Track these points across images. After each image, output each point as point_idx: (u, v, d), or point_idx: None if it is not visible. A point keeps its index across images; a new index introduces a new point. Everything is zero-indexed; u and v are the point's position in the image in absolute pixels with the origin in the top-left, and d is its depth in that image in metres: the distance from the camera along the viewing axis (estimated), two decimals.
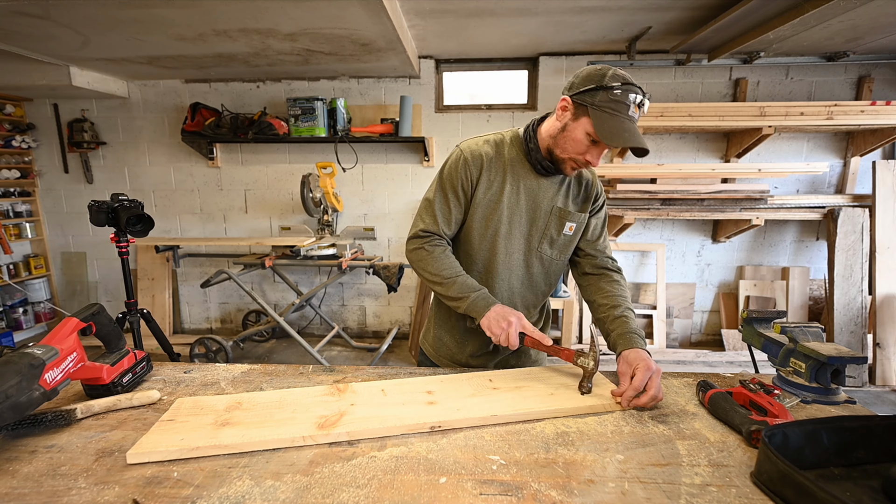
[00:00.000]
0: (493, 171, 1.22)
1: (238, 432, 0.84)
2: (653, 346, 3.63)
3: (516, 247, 1.25)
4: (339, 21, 2.51)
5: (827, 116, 3.12)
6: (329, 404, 0.95)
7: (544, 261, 1.27)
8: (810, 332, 1.02)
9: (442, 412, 0.91)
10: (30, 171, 4.04)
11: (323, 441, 0.83)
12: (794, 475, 0.63)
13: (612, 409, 0.95)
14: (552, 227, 1.24)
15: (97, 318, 1.01)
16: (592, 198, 1.27)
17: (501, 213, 1.22)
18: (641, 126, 3.21)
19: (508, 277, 1.27)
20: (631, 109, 1.04)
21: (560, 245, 1.27)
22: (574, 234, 1.27)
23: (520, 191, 1.22)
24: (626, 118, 1.04)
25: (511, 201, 1.22)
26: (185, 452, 0.79)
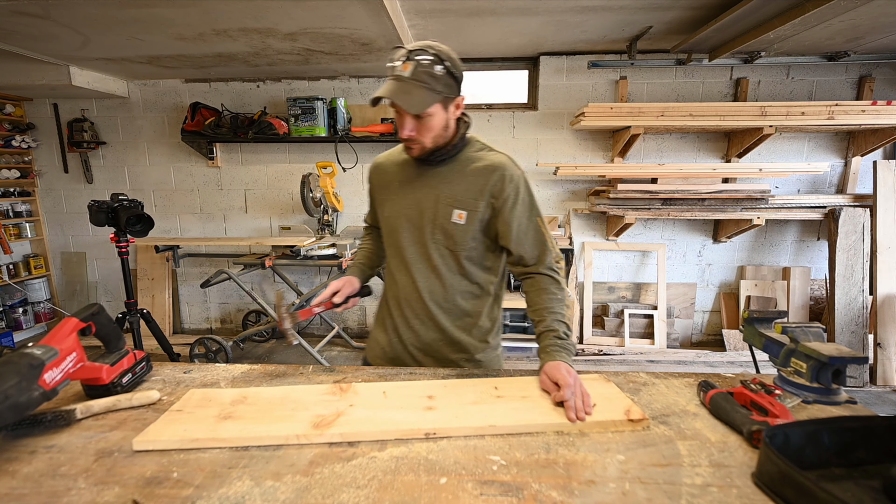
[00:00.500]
0: (386, 173, 1.31)
1: (237, 426, 0.86)
2: (653, 346, 3.63)
3: (412, 239, 1.26)
4: (340, 21, 2.51)
5: (828, 116, 3.11)
6: (329, 404, 0.95)
7: (442, 252, 1.23)
8: (811, 332, 1.01)
9: (439, 419, 0.89)
10: (30, 171, 4.04)
11: (317, 441, 0.83)
12: (795, 475, 0.63)
13: (621, 429, 0.87)
14: (441, 214, 1.21)
15: (97, 318, 1.01)
16: (492, 184, 1.18)
17: (394, 207, 1.28)
18: (643, 125, 3.21)
19: (414, 271, 1.27)
20: (398, 68, 1.06)
21: (454, 234, 1.20)
22: (468, 223, 1.19)
23: (406, 184, 1.26)
24: (390, 77, 1.08)
25: (402, 192, 1.27)
26: (186, 443, 0.81)
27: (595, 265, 3.86)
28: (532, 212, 1.23)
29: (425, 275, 1.26)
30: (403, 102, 1.05)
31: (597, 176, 3.65)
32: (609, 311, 3.79)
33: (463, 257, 1.23)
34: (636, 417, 0.88)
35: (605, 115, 3.25)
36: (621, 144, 3.43)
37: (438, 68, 1.06)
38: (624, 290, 3.89)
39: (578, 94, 3.60)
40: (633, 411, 0.90)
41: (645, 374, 1.14)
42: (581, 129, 3.51)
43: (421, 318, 1.28)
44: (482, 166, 1.20)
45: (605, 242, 3.82)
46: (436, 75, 1.06)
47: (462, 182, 1.21)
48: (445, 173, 1.22)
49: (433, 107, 1.08)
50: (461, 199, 1.20)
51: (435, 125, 1.12)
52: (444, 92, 1.08)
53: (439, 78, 1.07)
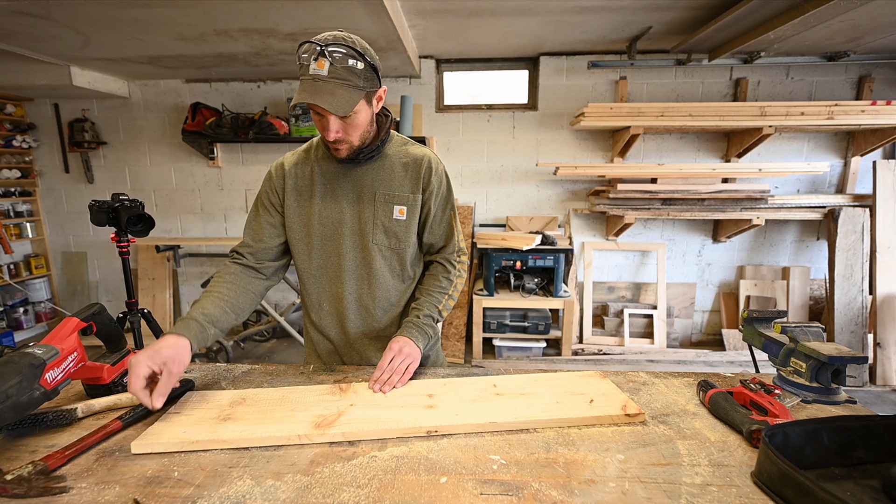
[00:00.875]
0: (300, 177, 1.18)
1: (237, 428, 0.85)
2: (653, 345, 3.63)
3: (351, 245, 1.18)
4: (340, 21, 2.51)
5: (827, 116, 3.11)
6: (329, 404, 0.95)
7: (384, 252, 1.19)
8: (811, 332, 1.01)
9: (440, 417, 0.89)
10: (30, 171, 4.04)
11: (318, 441, 0.83)
12: (794, 475, 0.63)
13: (619, 423, 0.89)
14: (381, 212, 1.16)
15: (98, 317, 1.01)
16: (423, 178, 1.18)
17: (320, 215, 1.17)
18: (643, 125, 3.21)
19: (351, 281, 1.20)
20: (312, 67, 0.97)
21: (395, 232, 1.18)
22: (409, 219, 1.18)
23: (334, 186, 1.17)
24: (307, 79, 0.98)
25: (326, 199, 1.17)
26: (186, 445, 0.81)
27: (595, 265, 3.86)
28: (448, 204, 1.25)
29: (364, 281, 1.20)
30: (329, 105, 0.97)
31: (597, 176, 3.65)
32: (609, 311, 3.80)
33: (407, 256, 1.22)
34: (633, 412, 0.89)
35: (605, 116, 3.26)
36: (621, 144, 3.43)
37: (356, 62, 0.99)
38: (624, 289, 3.89)
39: (578, 94, 3.61)
40: (630, 406, 0.92)
41: (645, 373, 1.14)
42: (581, 129, 3.51)
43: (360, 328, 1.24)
44: (410, 160, 1.19)
45: (604, 242, 3.82)
46: (355, 70, 0.99)
47: (395, 178, 1.17)
48: (376, 170, 1.17)
49: (358, 104, 1.01)
50: (399, 194, 1.17)
51: (361, 122, 1.07)
52: (366, 87, 1.02)
53: (359, 72, 1.00)
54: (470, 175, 3.83)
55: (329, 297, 1.23)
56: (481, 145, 3.77)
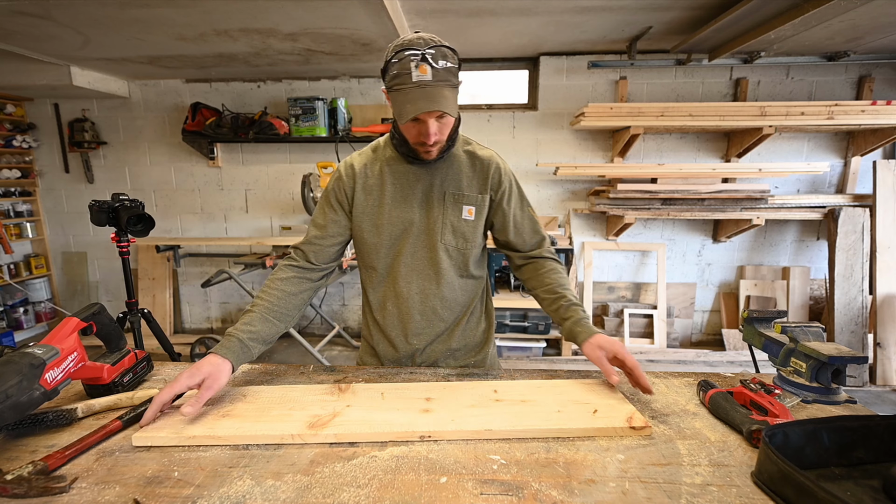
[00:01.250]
0: (369, 177, 1.18)
1: (234, 425, 0.86)
2: (653, 345, 3.63)
3: (418, 245, 1.18)
4: (340, 21, 2.51)
5: (827, 116, 3.11)
6: (326, 404, 0.95)
7: (451, 253, 1.20)
8: (811, 332, 1.01)
9: (435, 422, 0.88)
10: (30, 171, 4.04)
11: (312, 441, 0.83)
12: (794, 475, 0.63)
13: (623, 435, 0.86)
14: (450, 212, 1.17)
15: (98, 317, 1.01)
16: (492, 179, 1.18)
17: (390, 215, 1.17)
18: (643, 125, 3.21)
19: (418, 280, 1.20)
20: (414, 74, 0.96)
21: (464, 232, 1.19)
22: (477, 219, 1.19)
23: (404, 184, 1.17)
24: (411, 86, 0.97)
25: (397, 199, 1.17)
26: (184, 440, 0.83)
27: (595, 265, 3.86)
28: (524, 202, 1.26)
29: (437, 282, 1.20)
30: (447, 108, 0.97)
31: (597, 176, 3.65)
32: (609, 311, 3.80)
33: (471, 256, 1.23)
34: (638, 425, 0.86)
35: (605, 116, 3.25)
36: (621, 144, 3.43)
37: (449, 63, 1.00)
38: (624, 289, 3.89)
39: (578, 94, 3.61)
40: (636, 418, 0.88)
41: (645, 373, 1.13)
42: (581, 129, 3.51)
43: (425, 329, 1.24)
44: (478, 160, 1.19)
45: (604, 242, 3.82)
46: (451, 70, 1.01)
47: (464, 178, 1.18)
48: (445, 169, 1.17)
49: None
50: (468, 194, 1.17)
51: (453, 120, 1.07)
52: (458, 83, 1.04)
53: (454, 71, 1.02)
54: None
55: (394, 297, 1.22)
56: None
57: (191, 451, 0.81)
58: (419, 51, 0.97)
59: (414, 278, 1.20)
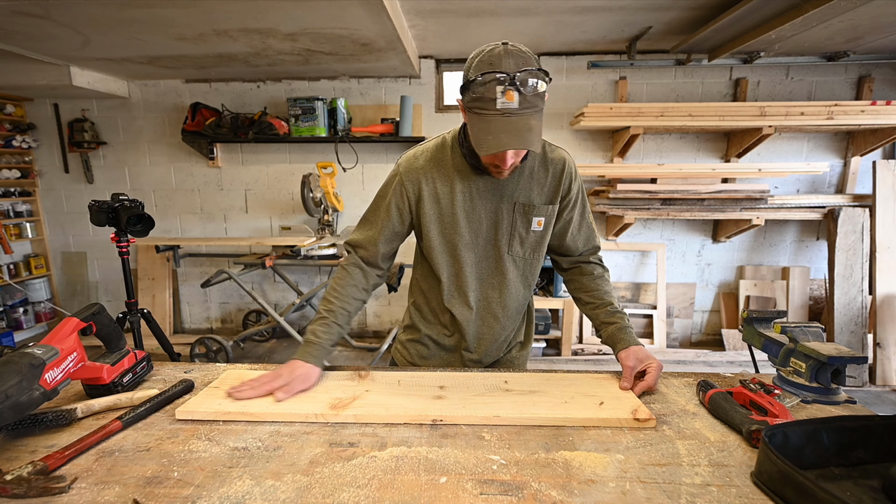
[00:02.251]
0: (437, 182, 1.12)
1: (264, 404, 0.95)
2: (653, 345, 3.63)
3: (484, 254, 1.16)
4: (340, 21, 2.51)
5: (827, 116, 3.12)
6: (347, 388, 1.03)
7: (518, 263, 1.18)
8: (810, 332, 1.01)
9: (447, 407, 0.93)
10: (30, 171, 4.04)
11: (333, 420, 0.90)
12: (794, 475, 0.63)
13: (626, 425, 0.88)
14: (519, 224, 1.13)
15: (97, 317, 1.01)
16: (563, 187, 1.14)
17: (458, 223, 1.12)
18: (642, 125, 3.21)
19: (481, 288, 1.19)
20: (500, 101, 0.87)
21: (532, 243, 1.17)
22: (545, 229, 1.16)
23: (473, 195, 1.11)
24: (494, 114, 0.89)
25: (467, 208, 1.12)
26: (220, 416, 0.92)
27: None
28: (586, 209, 1.23)
29: (502, 290, 1.19)
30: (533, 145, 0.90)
31: (596, 176, 3.65)
32: None
33: (538, 265, 1.22)
34: (643, 417, 0.89)
35: (605, 116, 3.26)
36: (621, 144, 3.43)
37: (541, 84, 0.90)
38: (623, 289, 3.89)
39: (578, 94, 3.61)
40: (641, 411, 0.91)
41: None
42: (581, 129, 3.51)
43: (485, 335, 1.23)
44: (550, 164, 1.13)
45: (604, 242, 3.82)
46: (540, 94, 0.91)
47: (535, 186, 1.13)
48: (516, 179, 1.11)
49: None
50: (538, 205, 1.13)
51: None
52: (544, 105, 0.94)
53: (541, 94, 0.92)
54: None
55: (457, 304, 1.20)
56: None
57: (190, 451, 0.81)
58: (508, 74, 0.87)
59: (479, 287, 1.19)
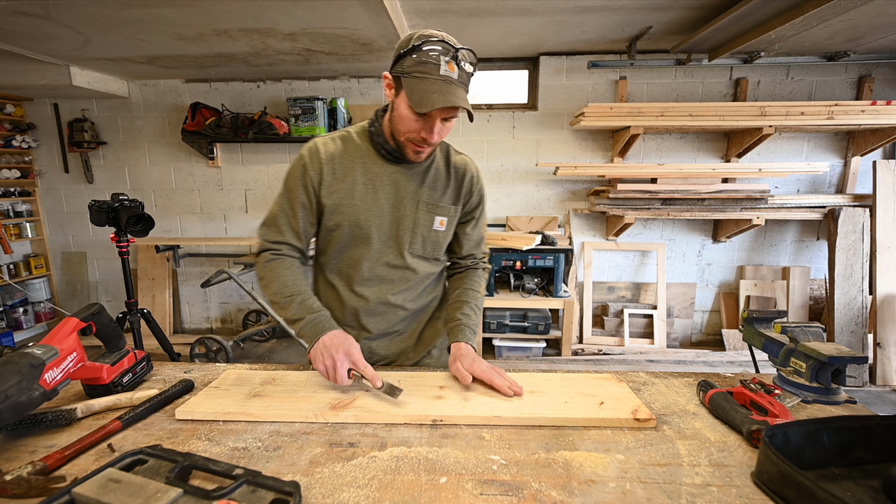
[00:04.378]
0: (338, 170, 1.09)
1: (263, 404, 0.94)
2: (653, 345, 3.63)
3: (383, 251, 1.13)
4: (340, 21, 2.51)
5: (827, 116, 3.11)
6: (346, 389, 1.01)
7: (419, 261, 1.17)
8: (811, 332, 1.01)
9: (447, 407, 0.93)
10: (30, 171, 4.04)
11: (333, 420, 0.90)
12: (794, 475, 0.63)
13: (626, 425, 0.88)
14: (421, 223, 1.12)
15: (97, 317, 1.01)
16: (466, 190, 1.16)
17: (357, 216, 1.10)
18: (643, 125, 3.21)
19: (378, 285, 1.16)
20: (443, 68, 0.93)
21: (433, 242, 1.16)
22: (447, 230, 1.16)
23: (377, 187, 1.10)
24: (437, 79, 0.93)
25: (367, 201, 1.09)
26: (220, 416, 0.91)
27: (595, 265, 3.86)
28: (483, 212, 1.25)
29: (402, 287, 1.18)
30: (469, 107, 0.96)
31: (596, 176, 3.65)
32: (609, 311, 3.80)
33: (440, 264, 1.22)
34: (643, 417, 0.89)
35: (605, 116, 3.26)
36: (621, 144, 3.43)
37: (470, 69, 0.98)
38: (624, 289, 3.89)
39: (578, 94, 3.61)
40: (641, 411, 0.91)
41: (645, 373, 1.14)
42: (581, 129, 3.51)
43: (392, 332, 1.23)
44: (453, 167, 1.15)
45: (604, 242, 3.82)
46: (470, 74, 0.99)
47: (440, 186, 1.14)
48: (420, 175, 1.12)
49: None
50: (442, 204, 1.13)
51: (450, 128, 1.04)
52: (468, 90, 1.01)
53: (470, 76, 0.99)
54: None
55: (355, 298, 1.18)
56: (481, 145, 3.77)
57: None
58: (451, 47, 0.94)
59: (379, 283, 1.16)
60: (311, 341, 1.02)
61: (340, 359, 0.96)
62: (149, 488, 0.64)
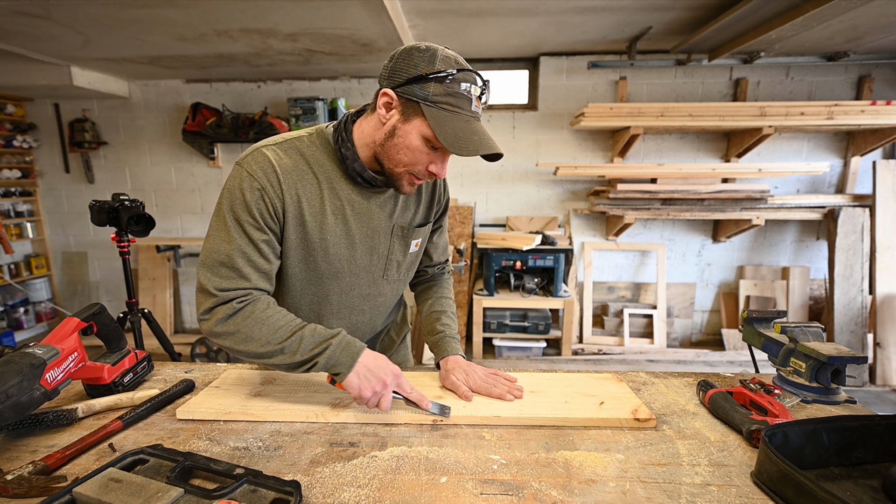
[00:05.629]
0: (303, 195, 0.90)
1: (265, 404, 0.94)
2: (653, 345, 3.63)
3: (354, 283, 1.02)
4: (340, 21, 2.51)
5: (827, 116, 3.12)
6: None
7: (391, 284, 1.10)
8: (810, 332, 1.01)
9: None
10: (31, 171, 4.04)
11: (333, 420, 0.89)
12: (794, 475, 0.63)
13: (626, 425, 0.88)
14: (396, 250, 1.03)
15: (98, 317, 1.01)
16: (438, 201, 1.10)
17: (326, 251, 0.95)
18: (643, 125, 3.21)
19: (349, 316, 1.07)
20: (473, 104, 0.85)
21: (407, 264, 1.09)
22: (420, 249, 1.11)
23: (347, 217, 0.94)
24: (469, 116, 0.84)
25: (337, 233, 0.94)
26: (221, 415, 0.90)
27: (595, 265, 3.86)
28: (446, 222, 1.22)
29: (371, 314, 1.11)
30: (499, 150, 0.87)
31: (597, 176, 3.65)
32: (609, 311, 3.80)
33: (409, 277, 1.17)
34: (643, 417, 0.89)
35: (605, 116, 3.26)
36: (621, 144, 3.43)
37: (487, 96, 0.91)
38: (623, 289, 3.89)
39: (578, 94, 3.61)
40: (641, 411, 0.91)
41: (644, 373, 1.14)
42: (581, 129, 3.51)
43: None
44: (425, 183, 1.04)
45: (604, 242, 3.82)
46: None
47: (412, 205, 1.05)
48: (391, 199, 1.01)
49: None
50: (415, 228, 1.05)
51: None
52: None
53: None
54: (470, 175, 3.84)
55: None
56: None
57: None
58: (481, 79, 0.87)
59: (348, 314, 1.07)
60: (348, 368, 0.85)
61: (389, 383, 0.85)
62: (150, 488, 0.64)
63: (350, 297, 1.04)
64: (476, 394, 0.98)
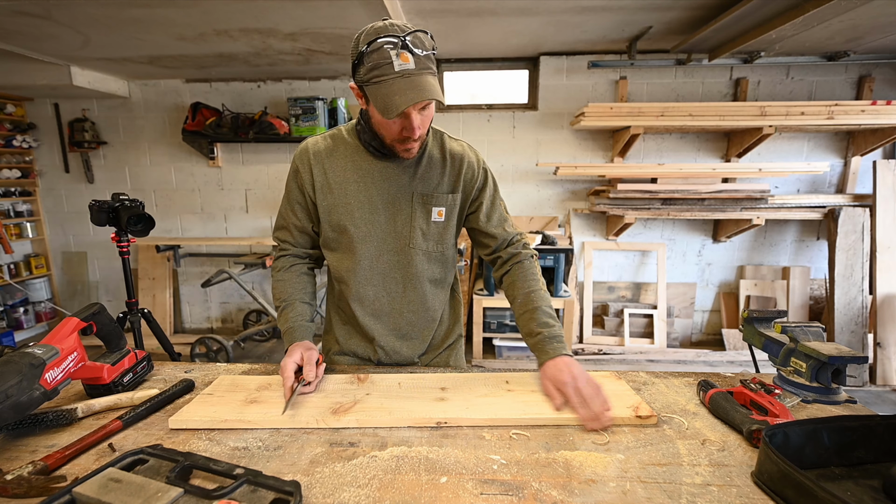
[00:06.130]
0: (328, 169, 1.09)
1: (261, 410, 0.91)
2: (653, 345, 3.63)
3: (383, 248, 1.12)
4: (340, 21, 2.51)
5: (827, 116, 3.11)
6: (347, 392, 0.99)
7: (422, 256, 1.14)
8: (811, 332, 1.01)
9: (450, 409, 0.92)
10: (31, 171, 4.04)
11: (335, 426, 0.88)
12: (794, 475, 0.63)
13: (627, 423, 0.88)
14: (419, 216, 1.11)
15: (98, 317, 1.01)
16: (468, 177, 1.13)
17: (352, 215, 1.09)
18: (643, 125, 3.21)
19: (383, 284, 1.14)
20: (397, 63, 0.87)
21: (434, 234, 1.13)
22: (447, 220, 1.13)
23: (369, 183, 1.08)
24: (395, 76, 0.88)
25: (361, 199, 1.09)
26: (215, 423, 0.88)
27: (595, 265, 3.86)
28: (498, 192, 1.21)
29: (408, 286, 1.16)
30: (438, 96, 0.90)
31: (597, 176, 3.65)
32: (609, 311, 3.80)
33: (448, 259, 1.19)
34: (644, 414, 0.89)
35: (605, 115, 3.26)
36: (621, 144, 3.43)
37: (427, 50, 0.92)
38: (624, 289, 3.89)
39: (578, 94, 3.61)
40: (642, 408, 0.91)
41: (645, 373, 1.14)
42: (581, 129, 3.51)
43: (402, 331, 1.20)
44: (449, 155, 1.12)
45: (604, 242, 3.82)
46: (430, 56, 0.93)
47: (434, 176, 1.11)
48: (413, 168, 1.10)
49: None
50: (437, 195, 1.11)
51: (433, 112, 0.99)
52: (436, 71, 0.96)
53: (432, 57, 0.94)
54: None
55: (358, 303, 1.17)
56: (481, 145, 3.77)
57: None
58: (397, 38, 0.88)
59: (382, 282, 1.15)
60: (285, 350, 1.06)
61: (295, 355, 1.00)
62: (149, 488, 0.64)
63: (382, 262, 1.13)
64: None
